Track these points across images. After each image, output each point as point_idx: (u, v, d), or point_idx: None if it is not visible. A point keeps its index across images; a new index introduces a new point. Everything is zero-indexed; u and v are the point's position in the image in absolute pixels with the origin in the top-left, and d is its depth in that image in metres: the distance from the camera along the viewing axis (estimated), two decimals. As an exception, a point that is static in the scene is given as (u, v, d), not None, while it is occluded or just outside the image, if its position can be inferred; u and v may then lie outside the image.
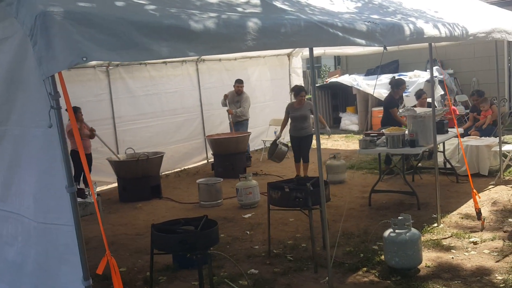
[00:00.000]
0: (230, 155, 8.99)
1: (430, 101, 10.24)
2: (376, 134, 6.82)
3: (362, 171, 8.59)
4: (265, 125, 10.98)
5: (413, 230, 4.45)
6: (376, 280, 4.31)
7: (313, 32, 3.95)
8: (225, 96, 9.67)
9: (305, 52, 11.76)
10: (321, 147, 4.78)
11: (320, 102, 14.38)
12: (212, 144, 9.30)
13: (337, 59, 23.56)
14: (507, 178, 7.24)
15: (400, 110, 6.87)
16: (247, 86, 10.54)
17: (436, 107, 8.48)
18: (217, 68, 10.62)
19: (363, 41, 4.40)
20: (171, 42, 3.01)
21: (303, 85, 12.41)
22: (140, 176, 7.83)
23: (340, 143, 11.72)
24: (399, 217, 4.46)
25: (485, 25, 6.39)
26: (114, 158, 8.05)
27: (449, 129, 7.27)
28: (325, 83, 14.96)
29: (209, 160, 10.20)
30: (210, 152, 9.83)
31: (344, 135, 12.84)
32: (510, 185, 6.87)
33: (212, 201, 7.21)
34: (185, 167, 10.01)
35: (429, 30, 5.27)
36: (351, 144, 11.46)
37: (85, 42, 2.47)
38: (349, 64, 15.78)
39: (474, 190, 5.46)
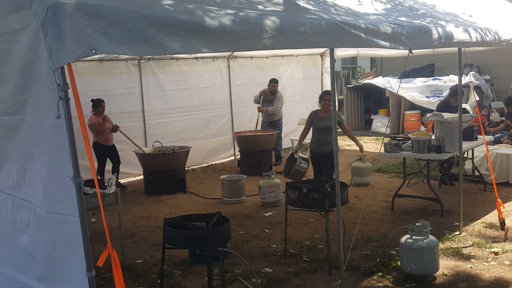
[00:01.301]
0: (256, 152, 9.01)
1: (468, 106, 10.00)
2: (402, 138, 6.68)
3: (388, 174, 8.44)
4: (294, 124, 10.91)
5: (431, 237, 4.34)
6: (390, 286, 4.23)
7: (333, 32, 3.88)
8: (262, 92, 9.58)
9: (339, 52, 11.62)
10: (349, 148, 4.72)
11: (352, 104, 14.23)
12: (239, 141, 9.34)
13: (373, 61, 23.26)
14: (539, 188, 6.98)
15: (428, 115, 6.70)
16: (279, 85, 10.51)
17: (469, 113, 8.27)
18: (248, 66, 10.64)
19: (387, 44, 4.31)
20: (184, 37, 3.01)
21: (335, 85, 12.34)
22: (165, 170, 7.93)
23: (369, 145, 11.52)
24: (417, 223, 4.36)
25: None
26: (140, 150, 8.18)
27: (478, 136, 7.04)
28: (358, 84, 14.76)
29: (236, 157, 10.24)
30: (237, 149, 9.87)
31: (375, 137, 12.65)
32: (542, 196, 6.62)
33: (235, 198, 7.24)
34: (212, 163, 10.09)
35: (459, 35, 5.13)
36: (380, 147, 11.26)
37: (95, 35, 2.51)
38: (383, 66, 15.52)
39: (499, 199, 5.28)
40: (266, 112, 9.52)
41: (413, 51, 4.50)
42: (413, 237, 4.32)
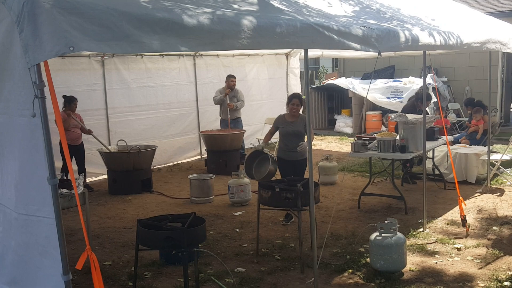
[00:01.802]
0: (224, 152, 8.99)
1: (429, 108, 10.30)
2: (368, 138, 6.83)
3: (353, 173, 8.61)
4: (260, 123, 10.97)
5: (399, 234, 4.47)
6: (360, 282, 4.32)
7: (308, 34, 3.92)
8: (227, 92, 9.45)
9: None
10: (315, 148, 4.78)
11: (316, 104, 14.40)
12: (206, 140, 9.28)
13: (335, 61, 23.63)
14: (494, 186, 7.27)
15: (392, 116, 6.88)
16: (244, 84, 10.54)
17: (428, 114, 8.53)
18: (214, 64, 10.60)
19: (358, 46, 4.37)
20: (162, 35, 2.98)
21: (299, 85, 12.46)
22: (131, 169, 7.81)
23: (333, 144, 11.73)
24: (386, 221, 4.47)
25: (480, 35, 6.40)
26: (104, 149, 8.02)
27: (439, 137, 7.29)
28: (321, 84, 14.96)
29: (203, 156, 10.19)
30: (204, 148, 9.82)
31: (338, 137, 12.87)
32: (497, 194, 6.91)
33: (203, 197, 7.20)
34: (178, 162, 10.00)
35: (424, 38, 5.26)
36: (344, 146, 11.47)
37: (73, 32, 2.45)
38: (346, 67, 15.80)
39: (460, 197, 5.48)
40: (235, 108, 9.50)
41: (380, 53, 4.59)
42: (382, 234, 4.43)
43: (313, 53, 11.79)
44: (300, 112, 5.96)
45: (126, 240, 5.67)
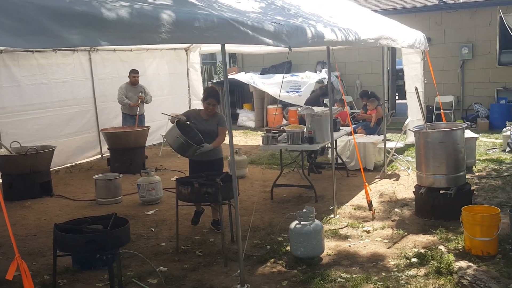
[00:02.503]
0: (128, 149, 8.71)
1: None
2: (277, 131, 7.04)
3: (261, 166, 8.82)
4: (163, 119, 10.75)
5: (316, 221, 4.69)
6: (283, 270, 4.46)
7: (225, 29, 3.94)
8: (141, 99, 9.34)
9: (203, 47, 11.76)
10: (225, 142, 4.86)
11: (216, 98, 14.44)
12: (108, 138, 8.91)
13: (231, 56, 23.82)
14: (390, 172, 7.88)
15: (299, 109, 7.16)
16: (144, 79, 10.26)
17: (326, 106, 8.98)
18: (111, 59, 10.20)
19: (270, 41, 4.48)
20: (82, 30, 2.85)
21: (201, 80, 12.41)
22: (28, 172, 7.28)
23: (238, 139, 11.89)
24: (304, 210, 4.67)
25: (374, 32, 6.86)
26: (9, 152, 7.39)
27: (341, 127, 7.73)
28: (222, 79, 15.05)
29: (104, 155, 9.78)
30: (105, 146, 9.42)
31: (242, 131, 13.07)
32: (394, 179, 7.50)
33: (111, 198, 6.92)
34: (77, 162, 9.50)
35: (328, 34, 5.52)
36: (249, 140, 11.70)
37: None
38: (244, 62, 16.07)
39: (366, 183, 5.88)
40: (145, 102, 9.29)
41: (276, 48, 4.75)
42: (301, 222, 4.62)
43: (213, 48, 11.86)
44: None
45: (32, 248, 5.31)
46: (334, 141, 7.80)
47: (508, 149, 8.66)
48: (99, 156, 9.94)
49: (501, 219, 4.44)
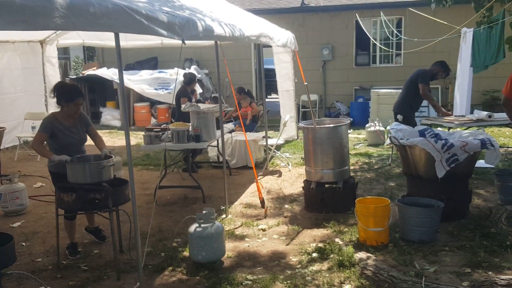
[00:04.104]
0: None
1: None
2: (159, 130, 6.67)
3: (137, 167, 8.32)
4: (19, 119, 9.63)
5: (217, 223, 4.48)
6: (185, 278, 4.18)
7: (120, 16, 3.56)
8: None
9: (62, 40, 10.75)
10: (86, 144, 4.45)
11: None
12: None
13: (86, 51, 22.28)
14: (271, 169, 8.00)
15: (183, 106, 6.87)
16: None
17: (193, 101, 8.81)
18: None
19: (164, 32, 4.18)
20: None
21: (58, 75, 11.31)
22: None
23: (105, 139, 10.98)
24: (204, 211, 4.44)
25: (255, 29, 6.89)
26: None
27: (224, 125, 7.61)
28: (81, 75, 13.97)
29: None
30: None
31: (107, 131, 12.24)
32: (276, 175, 7.61)
33: (-38, 212, 5.92)
34: None
35: (217, 29, 5.36)
36: (117, 140, 11.01)
37: None
38: (105, 57, 15.12)
39: (258, 181, 5.85)
40: None
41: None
42: (202, 225, 4.38)
43: (72, 41, 10.91)
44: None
45: None
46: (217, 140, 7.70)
47: (388, 141, 9.31)
48: None
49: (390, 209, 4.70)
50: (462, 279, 3.82)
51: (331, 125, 5.68)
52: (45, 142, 4.53)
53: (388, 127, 9.60)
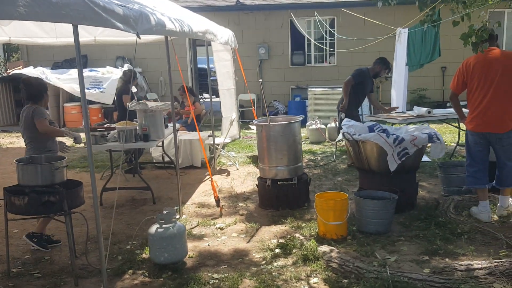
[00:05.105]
0: None
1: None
2: (104, 129, 6.39)
3: (74, 170, 7.93)
4: None
5: (178, 223, 4.38)
6: (147, 280, 4.04)
7: (80, 7, 3.40)
8: None
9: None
10: (12, 146, 4.18)
11: (1, 97, 12.52)
12: None
13: (5, 48, 20.90)
14: (218, 168, 7.93)
15: (129, 104, 6.62)
16: None
17: (135, 98, 8.57)
18: None
19: (121, 25, 4.03)
20: None
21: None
22: None
23: (35, 141, 10.46)
24: (165, 212, 4.32)
25: (200, 26, 6.80)
26: None
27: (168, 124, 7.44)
28: (6, 74, 13.10)
29: None
30: None
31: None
32: (225, 174, 7.56)
33: None
34: None
35: (168, 23, 5.25)
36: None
37: None
38: (31, 55, 14.30)
39: (214, 180, 5.77)
40: None
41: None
42: (163, 226, 4.26)
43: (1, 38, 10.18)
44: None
45: None
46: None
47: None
48: None
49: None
50: (423, 267, 4.00)
51: (285, 122, 5.73)
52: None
53: (329, 125, 9.88)
